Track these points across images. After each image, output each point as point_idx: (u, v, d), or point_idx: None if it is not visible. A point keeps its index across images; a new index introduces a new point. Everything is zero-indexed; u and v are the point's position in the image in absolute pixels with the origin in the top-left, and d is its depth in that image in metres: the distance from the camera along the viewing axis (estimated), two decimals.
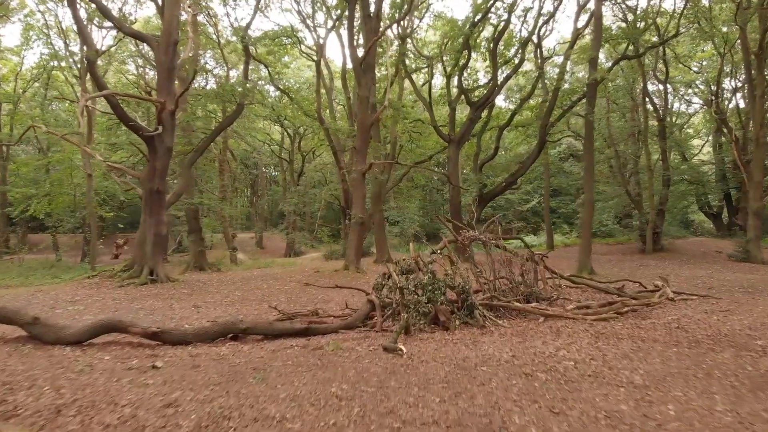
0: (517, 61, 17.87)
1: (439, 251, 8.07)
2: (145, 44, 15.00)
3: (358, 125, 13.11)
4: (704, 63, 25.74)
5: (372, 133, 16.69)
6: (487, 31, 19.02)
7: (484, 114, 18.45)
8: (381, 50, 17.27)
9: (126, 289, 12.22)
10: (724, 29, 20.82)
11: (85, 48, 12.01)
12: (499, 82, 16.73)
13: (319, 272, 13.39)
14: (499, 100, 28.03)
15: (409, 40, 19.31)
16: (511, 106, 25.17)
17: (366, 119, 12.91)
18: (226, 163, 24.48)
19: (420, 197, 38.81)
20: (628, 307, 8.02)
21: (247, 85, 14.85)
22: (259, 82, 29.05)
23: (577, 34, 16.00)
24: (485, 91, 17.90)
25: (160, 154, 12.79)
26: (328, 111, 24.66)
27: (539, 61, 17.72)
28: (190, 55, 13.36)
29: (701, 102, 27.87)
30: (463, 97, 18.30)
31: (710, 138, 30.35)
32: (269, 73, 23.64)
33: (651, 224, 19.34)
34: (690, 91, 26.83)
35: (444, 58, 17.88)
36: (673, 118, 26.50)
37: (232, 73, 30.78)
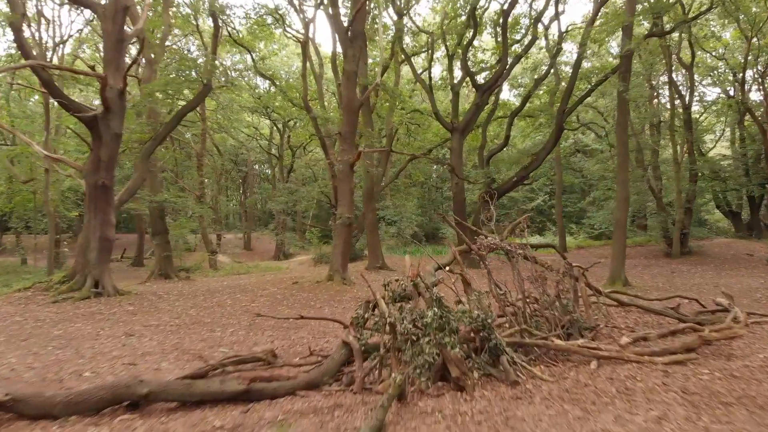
0: (528, 41, 15.71)
1: (447, 268, 5.86)
2: (90, 11, 12.76)
3: (344, 106, 10.91)
4: (723, 50, 23.63)
5: (364, 121, 14.51)
6: (494, 10, 16.88)
7: (490, 101, 16.29)
8: (373, 25, 15.10)
9: (60, 305, 10.01)
10: (753, 9, 18.75)
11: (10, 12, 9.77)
12: (509, 62, 14.54)
13: (297, 283, 11.21)
14: (504, 93, 25.87)
15: (406, 19, 17.11)
16: (516, 99, 23.02)
17: (353, 99, 10.72)
18: (205, 158, 22.22)
19: (418, 195, 36.64)
20: (700, 339, 5.87)
21: (216, 62, 12.65)
22: (246, 72, 26.93)
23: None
24: (492, 74, 15.71)
25: (106, 141, 10.57)
26: (319, 102, 22.47)
27: (555, 37, 15.52)
28: (145, 26, 11.13)
29: (719, 91, 25.76)
30: (467, 80, 16.13)
31: (726, 131, 28.30)
32: (252, 59, 21.45)
33: (679, 224, 17.18)
34: (710, 78, 24.67)
35: (446, 38, 15.67)
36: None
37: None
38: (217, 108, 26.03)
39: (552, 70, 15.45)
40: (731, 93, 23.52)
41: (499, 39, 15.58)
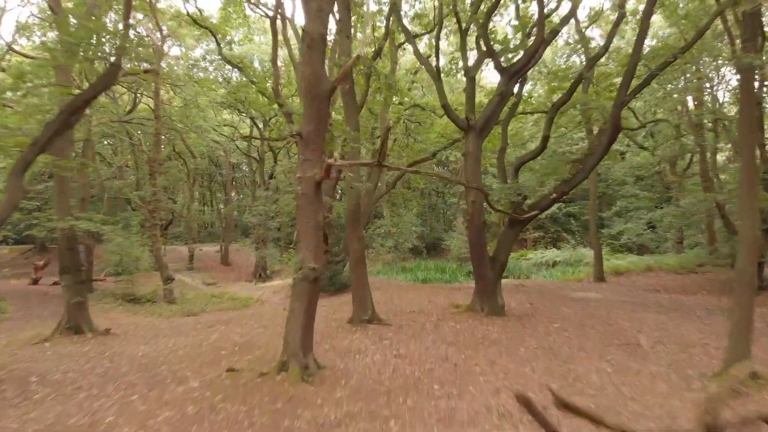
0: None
1: None
2: None
3: (306, 90, 6.83)
4: None
5: (347, 117, 10.43)
6: None
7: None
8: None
9: None
10: None
11: None
12: (546, 33, 10.49)
13: (234, 372, 7.14)
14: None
15: None
16: (539, 89, 18.89)
17: (320, 79, 6.69)
18: (158, 164, 18.16)
19: (417, 202, 32.59)
20: None
21: (128, 34, 8.60)
22: (221, 64, 22.86)
23: None
24: (519, 53, 11.68)
25: None
26: (298, 94, 18.37)
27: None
28: None
29: None
30: (486, 63, 12.12)
31: None
32: (216, 41, 17.41)
33: (757, 250, 13.10)
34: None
35: (457, 2, 11.61)
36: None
37: (176, 50, 24.48)
38: (184, 104, 22.05)
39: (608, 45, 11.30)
40: None
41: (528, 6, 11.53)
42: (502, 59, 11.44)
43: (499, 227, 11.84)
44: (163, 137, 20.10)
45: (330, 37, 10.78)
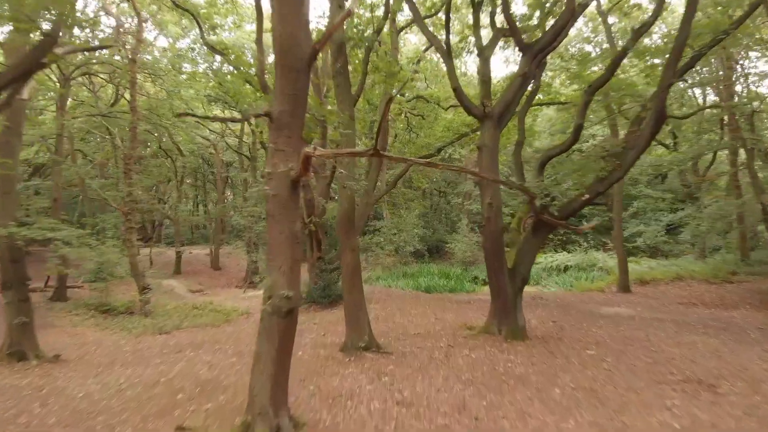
0: None
1: None
2: None
3: (277, 58, 5.08)
4: None
5: (338, 95, 8.68)
6: None
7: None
8: None
9: None
10: None
11: None
12: (577, 3, 8.75)
13: None
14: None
15: None
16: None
17: (296, 43, 4.98)
18: (134, 161, 16.44)
19: (419, 203, 30.86)
20: None
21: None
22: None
23: None
24: (543, 28, 9.93)
25: None
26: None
27: None
28: None
29: None
30: (504, 42, 10.37)
31: None
32: (199, 24, 15.68)
33: None
34: None
35: None
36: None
37: (163, 41, 22.72)
38: (168, 97, 20.29)
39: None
40: None
41: None
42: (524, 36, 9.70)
43: (518, 233, 10.07)
44: (142, 131, 18.34)
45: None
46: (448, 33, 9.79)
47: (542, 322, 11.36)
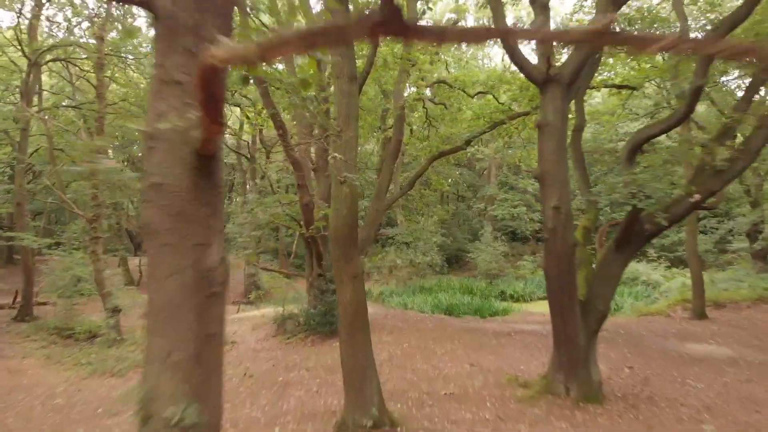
0: None
1: None
2: None
3: None
4: None
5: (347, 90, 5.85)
6: None
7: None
8: None
9: None
10: None
11: None
12: None
13: None
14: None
15: None
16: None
17: None
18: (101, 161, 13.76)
19: (439, 208, 27.94)
20: None
21: None
22: None
23: None
24: None
25: None
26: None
27: None
28: None
29: None
30: None
31: None
32: None
33: None
34: None
35: None
36: None
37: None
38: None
39: None
40: None
41: None
42: None
43: (584, 250, 7.12)
44: (115, 124, 15.80)
45: None
46: None
47: (614, 368, 8.35)
